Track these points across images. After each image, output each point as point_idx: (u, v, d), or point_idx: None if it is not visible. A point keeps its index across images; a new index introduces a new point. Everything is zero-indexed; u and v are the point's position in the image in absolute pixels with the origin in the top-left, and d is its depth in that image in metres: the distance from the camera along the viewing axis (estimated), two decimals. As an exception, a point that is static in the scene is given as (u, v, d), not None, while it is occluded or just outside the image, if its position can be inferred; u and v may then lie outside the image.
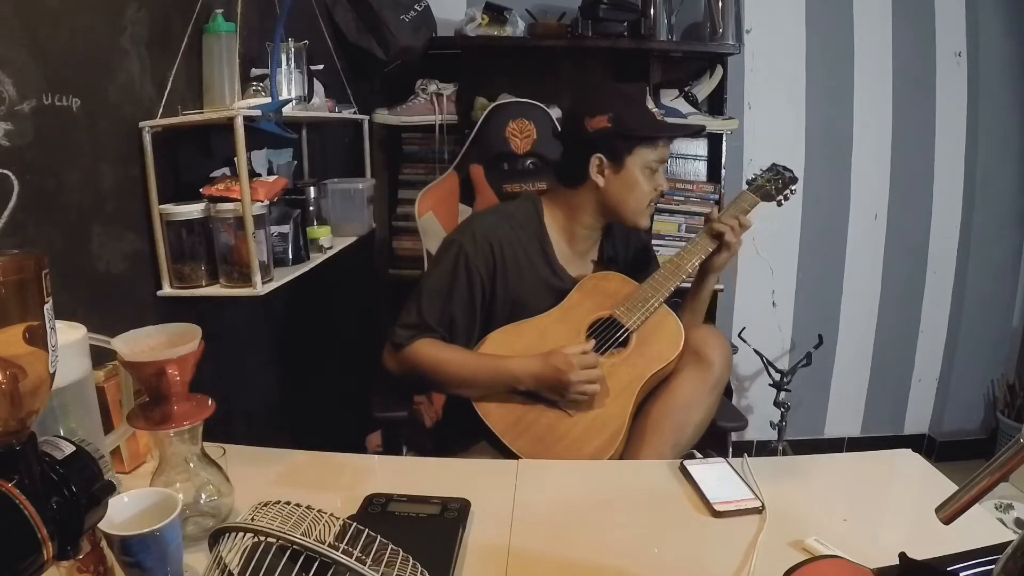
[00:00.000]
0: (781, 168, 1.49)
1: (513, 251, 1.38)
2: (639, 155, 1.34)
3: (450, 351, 1.34)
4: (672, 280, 1.36)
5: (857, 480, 1.12)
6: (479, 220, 1.45)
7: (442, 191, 1.79)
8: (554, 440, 1.27)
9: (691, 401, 1.28)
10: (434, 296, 1.36)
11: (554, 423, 1.28)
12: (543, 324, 1.35)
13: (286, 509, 0.64)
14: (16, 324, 0.49)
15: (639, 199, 1.37)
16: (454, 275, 1.35)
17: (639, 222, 1.41)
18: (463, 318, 1.36)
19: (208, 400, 0.86)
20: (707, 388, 1.28)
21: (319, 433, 2.00)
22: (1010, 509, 1.97)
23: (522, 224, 1.41)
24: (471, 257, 1.35)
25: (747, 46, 2.49)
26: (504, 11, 2.33)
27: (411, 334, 1.34)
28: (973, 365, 2.80)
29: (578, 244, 1.45)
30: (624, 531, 0.91)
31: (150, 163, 1.19)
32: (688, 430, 1.27)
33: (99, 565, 0.67)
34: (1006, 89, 2.59)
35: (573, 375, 1.23)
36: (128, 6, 1.14)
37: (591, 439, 1.26)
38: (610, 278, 1.41)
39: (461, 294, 1.35)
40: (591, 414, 1.28)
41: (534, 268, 1.39)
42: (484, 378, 1.30)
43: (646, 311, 1.33)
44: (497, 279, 1.37)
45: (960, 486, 0.58)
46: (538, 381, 1.27)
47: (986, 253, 2.71)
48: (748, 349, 2.49)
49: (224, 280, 1.29)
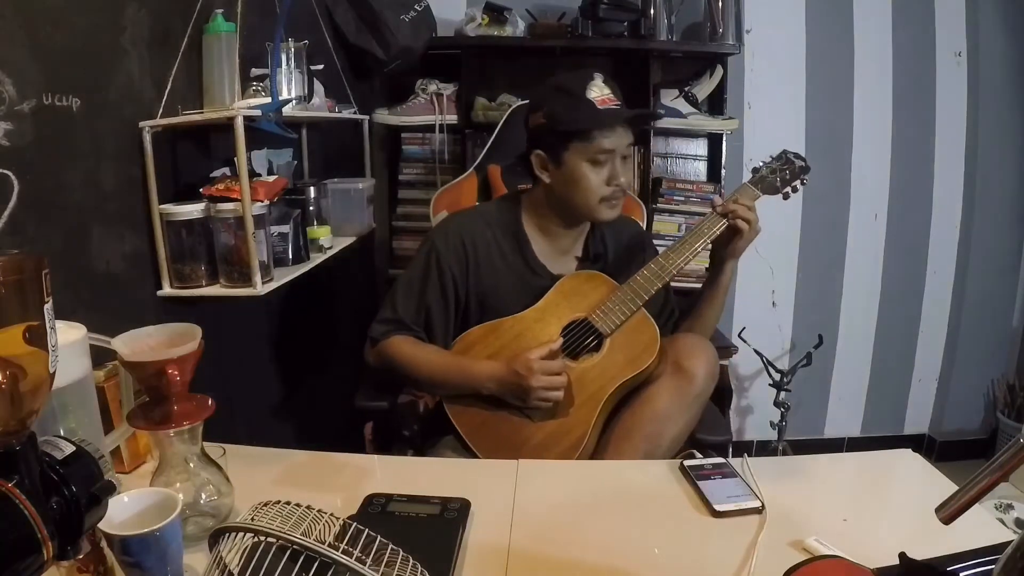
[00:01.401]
0: (792, 156, 1.39)
1: (487, 248, 1.37)
2: (576, 149, 1.28)
3: (423, 349, 1.34)
4: (654, 283, 1.29)
5: (857, 480, 1.12)
6: (453, 219, 1.44)
7: (459, 191, 1.80)
8: (517, 445, 1.25)
9: (667, 413, 1.22)
10: (408, 293, 1.36)
11: (517, 428, 1.26)
12: (520, 324, 1.32)
13: (286, 509, 0.64)
14: (16, 324, 0.49)
15: (586, 194, 1.30)
16: (426, 272, 1.36)
17: (596, 216, 1.34)
18: (438, 315, 1.36)
19: (208, 400, 0.86)
20: (686, 401, 1.22)
21: (319, 433, 2.00)
22: (1010, 509, 1.97)
23: (498, 221, 1.40)
24: (442, 254, 1.35)
25: (747, 46, 2.48)
26: (504, 11, 2.33)
27: (386, 329, 1.36)
28: (973, 365, 2.80)
29: (557, 241, 1.41)
30: (624, 531, 0.91)
31: (150, 163, 1.19)
32: (662, 442, 1.21)
33: (99, 565, 0.67)
34: (1006, 89, 2.59)
35: (533, 381, 1.20)
36: (128, 6, 1.14)
37: (552, 446, 1.24)
38: (590, 278, 1.36)
39: (434, 291, 1.35)
40: (555, 421, 1.25)
41: (508, 265, 1.37)
42: (452, 379, 1.30)
43: (622, 315, 1.27)
44: (469, 276, 1.36)
45: (960, 486, 0.58)
46: (500, 386, 1.25)
47: (986, 253, 2.71)
48: (748, 349, 2.48)
49: (224, 280, 1.29)
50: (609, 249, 1.46)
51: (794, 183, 1.38)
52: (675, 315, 1.47)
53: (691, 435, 1.26)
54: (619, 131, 1.29)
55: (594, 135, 1.27)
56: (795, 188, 1.38)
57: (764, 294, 2.74)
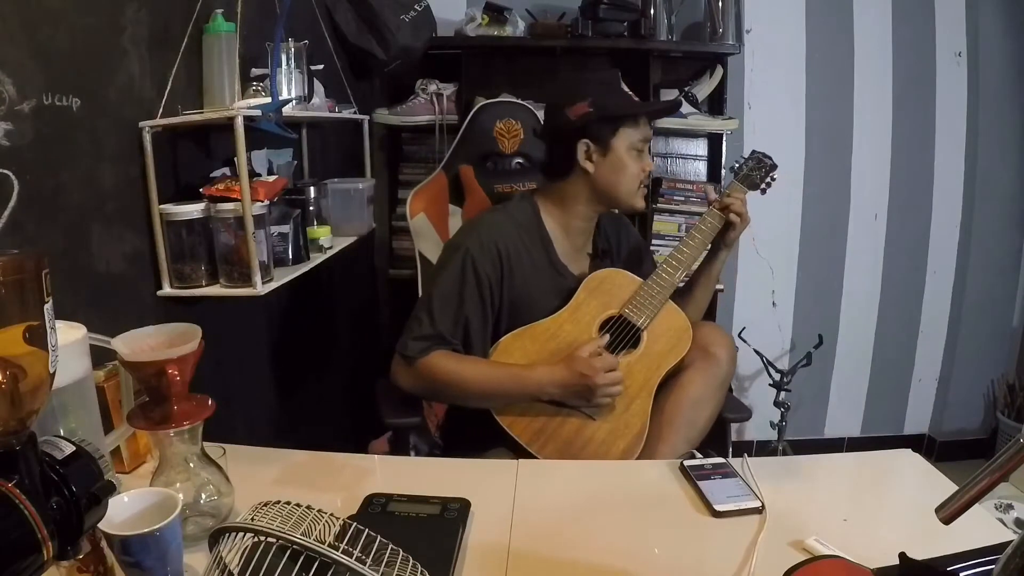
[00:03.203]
0: (761, 155, 1.50)
1: (519, 253, 1.35)
2: (624, 135, 1.33)
3: (470, 363, 1.30)
4: (676, 274, 1.36)
5: (857, 480, 1.12)
6: (484, 223, 1.39)
7: (432, 192, 1.76)
8: (581, 445, 1.27)
9: (702, 397, 1.31)
10: (445, 304, 1.30)
11: (579, 428, 1.28)
12: (554, 326, 1.33)
13: (286, 509, 0.64)
14: (16, 324, 0.49)
15: (630, 180, 1.36)
16: (463, 280, 1.30)
17: (634, 204, 1.39)
18: (476, 325, 1.32)
19: (208, 400, 0.86)
20: (716, 384, 1.32)
21: (319, 433, 2.00)
22: (1010, 509, 1.97)
23: (524, 224, 1.39)
24: (478, 261, 1.30)
25: (747, 46, 2.49)
26: (504, 11, 2.33)
27: (425, 346, 1.29)
28: (973, 365, 2.80)
29: (575, 239, 1.43)
30: (624, 531, 0.91)
31: (150, 163, 1.19)
32: (700, 425, 1.30)
33: (99, 565, 0.67)
34: (1006, 89, 2.59)
35: (599, 379, 1.22)
36: (128, 6, 1.14)
37: (617, 441, 1.27)
38: (614, 275, 1.39)
39: (472, 300, 1.31)
40: (614, 416, 1.29)
41: (538, 269, 1.37)
42: (507, 389, 1.28)
43: (654, 308, 1.33)
44: (504, 282, 1.33)
45: (960, 486, 0.58)
46: (564, 389, 1.25)
47: (986, 253, 2.71)
48: (748, 349, 2.48)
49: (224, 280, 1.28)
50: (612, 244, 1.51)
51: (767, 179, 1.50)
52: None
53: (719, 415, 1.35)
54: (648, 124, 1.39)
55: (640, 121, 1.35)
56: (768, 184, 1.50)
57: (764, 294, 2.74)
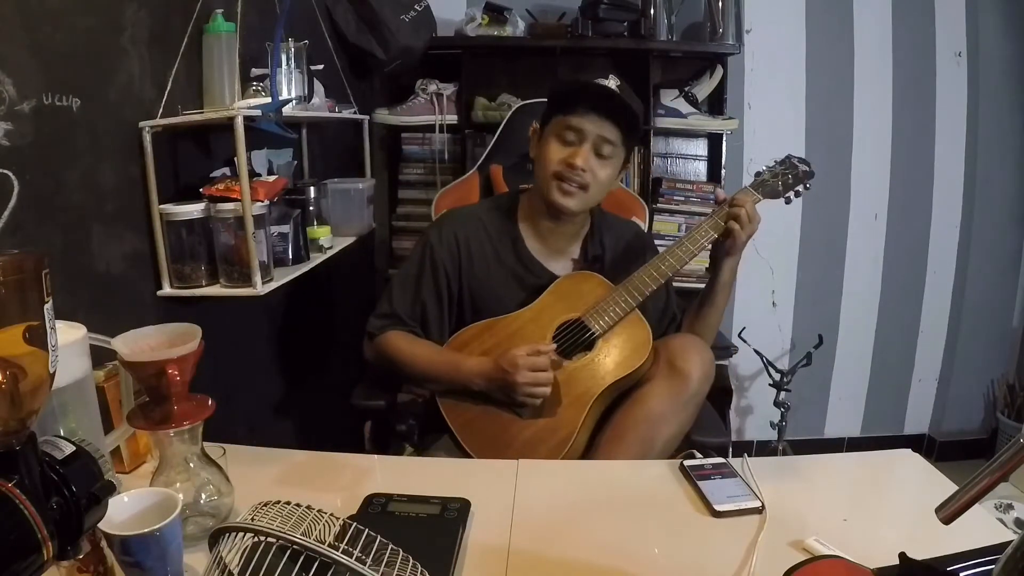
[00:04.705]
0: (796, 160, 1.37)
1: (479, 243, 1.38)
2: (555, 121, 1.32)
3: (417, 345, 1.35)
4: (649, 284, 1.29)
5: (857, 480, 1.12)
6: (451, 215, 1.46)
7: (461, 191, 1.80)
8: (505, 442, 1.25)
9: (660, 414, 1.20)
10: (404, 288, 1.38)
11: (506, 425, 1.26)
12: (515, 323, 1.33)
13: (286, 509, 0.64)
14: (16, 324, 0.49)
15: (544, 164, 1.31)
16: (421, 267, 1.37)
17: (548, 192, 1.32)
18: (433, 310, 1.38)
19: (208, 400, 0.86)
20: (680, 402, 1.21)
21: (319, 433, 2.00)
22: (1010, 509, 1.97)
23: (493, 217, 1.42)
24: (436, 250, 1.37)
25: (747, 46, 2.49)
26: (504, 11, 2.33)
27: (383, 324, 1.37)
28: (973, 365, 2.80)
29: (550, 239, 1.41)
30: (624, 531, 0.91)
31: (150, 163, 1.19)
32: (656, 444, 1.20)
33: (99, 565, 0.67)
34: (1006, 89, 2.59)
35: (519, 376, 1.19)
36: (128, 6, 1.14)
37: (539, 444, 1.23)
38: (586, 279, 1.36)
39: (428, 286, 1.37)
40: (543, 419, 1.25)
41: (501, 261, 1.38)
42: (443, 374, 1.30)
43: (616, 316, 1.28)
44: (462, 271, 1.37)
45: (960, 486, 0.58)
46: (487, 381, 1.25)
47: (986, 253, 2.71)
48: (748, 349, 2.48)
49: (224, 280, 1.29)
50: (607, 252, 1.45)
51: (797, 187, 1.36)
52: (677, 319, 1.46)
53: (687, 436, 1.25)
54: (597, 120, 1.28)
55: (569, 109, 1.29)
56: (797, 193, 1.36)
57: (764, 294, 2.74)
